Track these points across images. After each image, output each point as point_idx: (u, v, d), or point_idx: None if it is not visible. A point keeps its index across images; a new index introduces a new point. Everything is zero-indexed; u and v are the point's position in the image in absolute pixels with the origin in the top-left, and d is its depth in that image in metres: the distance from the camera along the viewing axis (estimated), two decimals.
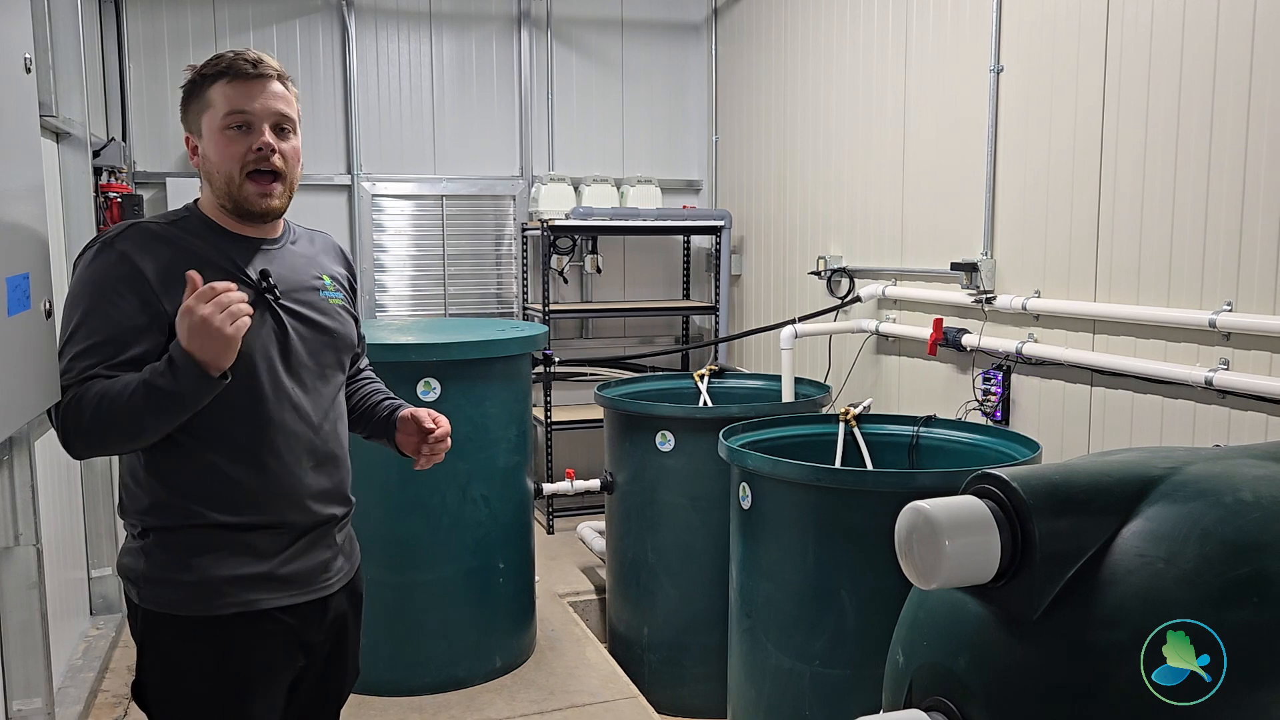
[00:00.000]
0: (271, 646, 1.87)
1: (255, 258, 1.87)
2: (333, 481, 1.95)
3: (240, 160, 1.80)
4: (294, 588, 1.88)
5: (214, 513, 1.81)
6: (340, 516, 1.99)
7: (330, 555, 1.96)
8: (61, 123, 3.89)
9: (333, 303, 1.98)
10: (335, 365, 1.98)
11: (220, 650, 1.82)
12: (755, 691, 3.18)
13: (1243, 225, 2.88)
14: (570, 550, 5.38)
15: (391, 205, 5.99)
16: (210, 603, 1.81)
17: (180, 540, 1.81)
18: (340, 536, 2.00)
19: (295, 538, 1.89)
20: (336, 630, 2.01)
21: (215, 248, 1.84)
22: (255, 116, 1.81)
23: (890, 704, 1.43)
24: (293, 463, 1.86)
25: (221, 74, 1.81)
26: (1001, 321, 3.86)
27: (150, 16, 5.49)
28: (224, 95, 1.80)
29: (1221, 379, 2.90)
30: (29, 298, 1.53)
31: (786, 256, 5.49)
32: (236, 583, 1.82)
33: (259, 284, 1.83)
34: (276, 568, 1.85)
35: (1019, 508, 1.21)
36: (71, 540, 3.95)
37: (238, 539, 1.83)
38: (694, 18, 6.40)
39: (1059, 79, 3.52)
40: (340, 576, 1.99)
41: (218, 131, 1.81)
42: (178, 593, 1.81)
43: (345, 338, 2.00)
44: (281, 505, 1.86)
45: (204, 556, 1.81)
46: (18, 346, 1.47)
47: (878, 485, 2.87)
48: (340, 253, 2.13)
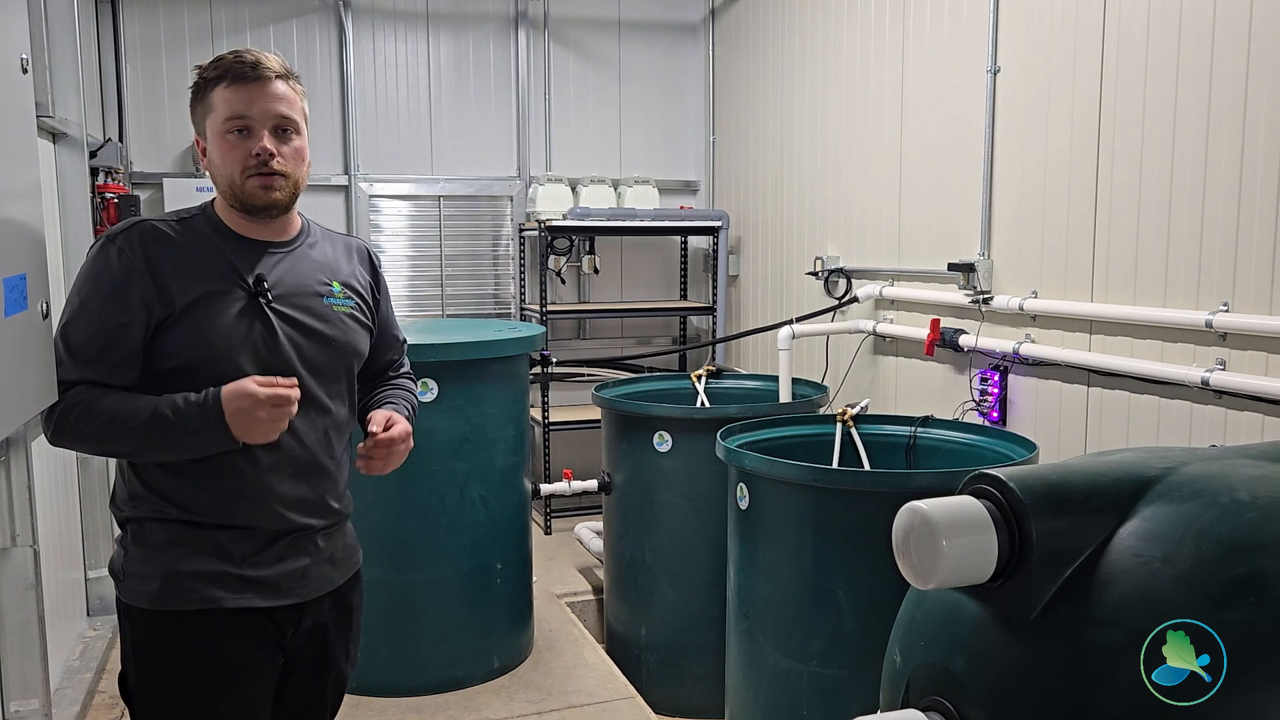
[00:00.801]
0: (243, 646, 1.86)
1: (259, 261, 1.88)
2: (314, 491, 1.92)
3: (241, 164, 1.82)
4: (264, 591, 1.86)
5: (181, 509, 1.83)
6: (320, 526, 1.94)
7: (307, 563, 1.92)
8: (58, 123, 3.89)
9: (338, 310, 1.96)
10: (332, 373, 1.95)
11: (187, 647, 1.83)
12: (753, 692, 3.18)
13: (1239, 225, 2.88)
14: (568, 551, 5.38)
15: (389, 206, 5.99)
16: (176, 598, 1.82)
17: (151, 534, 1.84)
18: (323, 544, 1.96)
19: (266, 543, 1.87)
20: (317, 638, 1.99)
21: (217, 250, 1.85)
22: (254, 120, 1.82)
23: (888, 704, 1.43)
24: (268, 469, 1.85)
25: (221, 77, 1.82)
26: (998, 322, 3.87)
27: (147, 17, 5.49)
28: (224, 99, 1.82)
29: (1218, 379, 2.90)
30: (26, 298, 1.53)
31: (784, 257, 5.49)
32: (201, 579, 1.82)
33: (252, 288, 1.84)
34: (244, 569, 1.85)
35: (1016, 508, 1.22)
36: (68, 541, 3.95)
37: (204, 536, 1.83)
38: (691, 18, 6.40)
39: (1056, 79, 3.52)
40: (320, 584, 1.95)
41: (219, 136, 1.83)
42: (147, 586, 1.82)
43: (347, 346, 1.97)
44: (250, 510, 1.85)
45: (171, 551, 1.82)
46: (15, 347, 1.47)
47: (875, 485, 2.87)
48: (367, 255, 2.11)
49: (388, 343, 2.18)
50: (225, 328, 1.80)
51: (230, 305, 1.81)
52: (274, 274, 1.89)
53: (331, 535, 1.99)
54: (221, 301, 1.81)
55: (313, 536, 1.93)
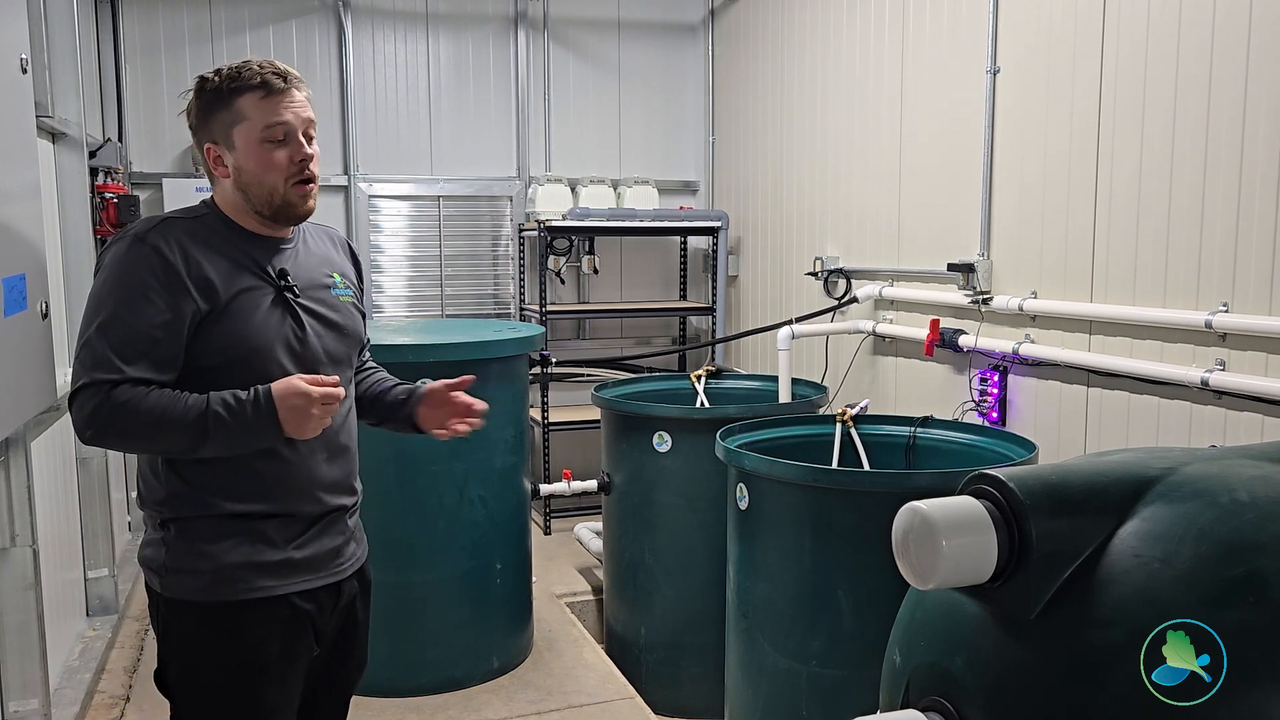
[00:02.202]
0: (287, 633, 1.93)
1: (275, 257, 1.95)
2: (343, 472, 2.03)
3: (284, 171, 1.88)
4: (308, 572, 1.95)
5: (228, 503, 1.88)
6: (350, 506, 2.06)
7: (343, 541, 2.03)
8: (57, 123, 3.89)
9: (343, 300, 2.06)
10: (346, 360, 2.06)
11: (236, 636, 1.89)
12: (752, 692, 3.18)
13: (1239, 226, 2.89)
14: (567, 551, 5.38)
15: (388, 206, 5.99)
16: (226, 589, 1.87)
17: (196, 530, 1.88)
18: (351, 523, 2.08)
19: (308, 525, 1.95)
20: (346, 616, 2.07)
21: (236, 246, 1.91)
22: (292, 128, 1.88)
23: (887, 704, 1.43)
24: (308, 454, 1.94)
25: (254, 87, 1.87)
26: (998, 322, 3.87)
27: (146, 17, 5.49)
28: (259, 108, 1.86)
29: (1218, 379, 2.90)
30: (25, 298, 1.52)
31: (783, 257, 5.49)
32: (251, 569, 1.88)
33: (279, 283, 1.91)
34: (291, 553, 1.92)
35: (1016, 508, 1.22)
36: (68, 541, 3.94)
37: (251, 527, 1.89)
38: (690, 18, 6.40)
39: (1055, 80, 3.52)
40: (353, 562, 2.07)
41: (256, 144, 1.87)
42: (196, 580, 1.87)
43: (355, 333, 2.08)
44: (294, 496, 1.93)
45: (219, 544, 1.87)
46: (14, 347, 1.47)
47: (875, 486, 2.87)
48: (346, 245, 2.20)
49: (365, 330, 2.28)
50: (260, 322, 1.87)
51: (263, 300, 1.89)
52: (291, 269, 1.96)
53: (354, 514, 2.10)
54: (255, 296, 1.88)
55: (343, 516, 2.04)
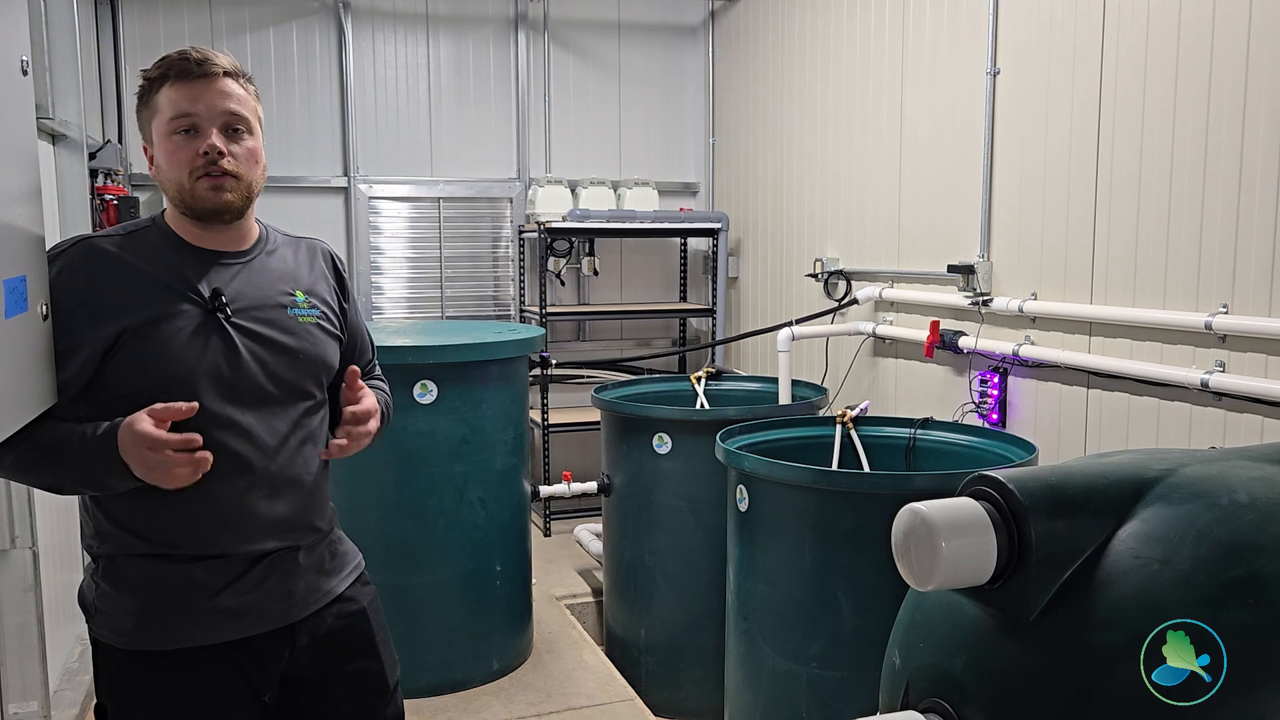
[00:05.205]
0: (222, 684, 1.76)
1: (212, 272, 1.76)
2: (291, 509, 1.79)
3: (188, 165, 1.70)
4: (243, 622, 1.75)
5: (150, 542, 1.71)
6: (303, 546, 1.83)
7: (294, 583, 1.81)
8: (58, 125, 3.89)
9: (302, 321, 1.83)
10: (300, 386, 1.82)
11: (163, 687, 1.73)
12: (752, 693, 3.18)
13: (1238, 227, 2.89)
14: (567, 553, 5.38)
15: (388, 207, 5.99)
16: (147, 638, 1.72)
17: (121, 569, 1.73)
18: (305, 561, 1.84)
19: (244, 568, 1.75)
20: (328, 650, 1.88)
21: (167, 263, 1.73)
22: (201, 118, 1.70)
23: (887, 706, 1.43)
24: (242, 491, 1.73)
25: (165, 76, 1.72)
26: (998, 324, 3.87)
27: (147, 19, 5.49)
28: (169, 98, 1.71)
29: (1217, 381, 2.91)
30: (26, 300, 1.52)
31: (783, 259, 5.49)
32: (176, 617, 1.72)
33: (209, 303, 1.72)
34: (224, 600, 1.73)
35: (1015, 509, 1.22)
36: (68, 543, 3.94)
37: (178, 571, 1.72)
38: (690, 20, 6.40)
39: (1055, 81, 3.53)
40: (315, 599, 1.86)
41: (165, 137, 1.72)
42: (118, 625, 1.73)
43: (314, 358, 1.84)
44: (225, 536, 1.73)
45: (142, 588, 1.72)
46: (15, 349, 1.47)
47: (874, 487, 2.87)
48: (330, 259, 1.98)
49: (360, 349, 2.04)
50: (179, 350, 1.68)
51: (184, 324, 1.69)
52: (232, 286, 1.76)
53: (314, 549, 1.87)
54: (174, 322, 1.69)
55: (294, 556, 1.82)
